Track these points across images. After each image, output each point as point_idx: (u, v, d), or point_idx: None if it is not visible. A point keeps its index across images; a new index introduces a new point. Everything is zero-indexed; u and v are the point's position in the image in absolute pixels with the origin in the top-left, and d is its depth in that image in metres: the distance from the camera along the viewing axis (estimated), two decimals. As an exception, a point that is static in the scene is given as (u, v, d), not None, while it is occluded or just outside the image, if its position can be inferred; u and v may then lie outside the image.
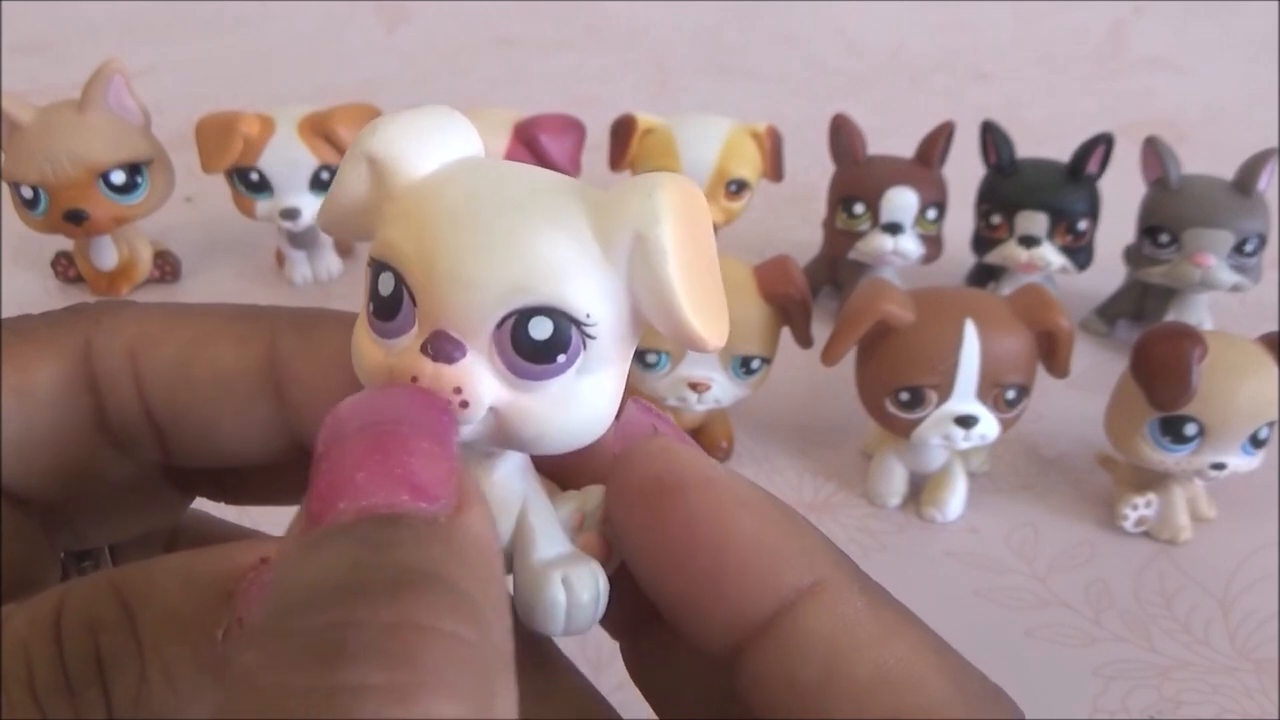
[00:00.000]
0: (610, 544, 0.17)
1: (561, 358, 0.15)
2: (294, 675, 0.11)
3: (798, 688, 0.15)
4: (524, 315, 0.15)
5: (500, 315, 0.15)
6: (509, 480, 0.17)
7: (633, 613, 0.18)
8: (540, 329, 0.15)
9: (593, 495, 0.17)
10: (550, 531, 0.16)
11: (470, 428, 0.15)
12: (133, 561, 0.22)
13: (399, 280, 0.15)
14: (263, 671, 0.11)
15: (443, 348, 0.15)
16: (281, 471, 0.20)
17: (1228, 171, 0.53)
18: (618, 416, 0.17)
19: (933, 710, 0.14)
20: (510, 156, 0.55)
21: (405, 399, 0.14)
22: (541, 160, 0.56)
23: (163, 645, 0.14)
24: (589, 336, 0.15)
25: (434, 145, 0.16)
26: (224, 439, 0.19)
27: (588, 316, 0.15)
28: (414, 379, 0.15)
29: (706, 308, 0.16)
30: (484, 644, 0.12)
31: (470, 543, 0.13)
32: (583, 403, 0.15)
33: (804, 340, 0.44)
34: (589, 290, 0.15)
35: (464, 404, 0.15)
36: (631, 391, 0.18)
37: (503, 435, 0.15)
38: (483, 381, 0.15)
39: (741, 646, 0.16)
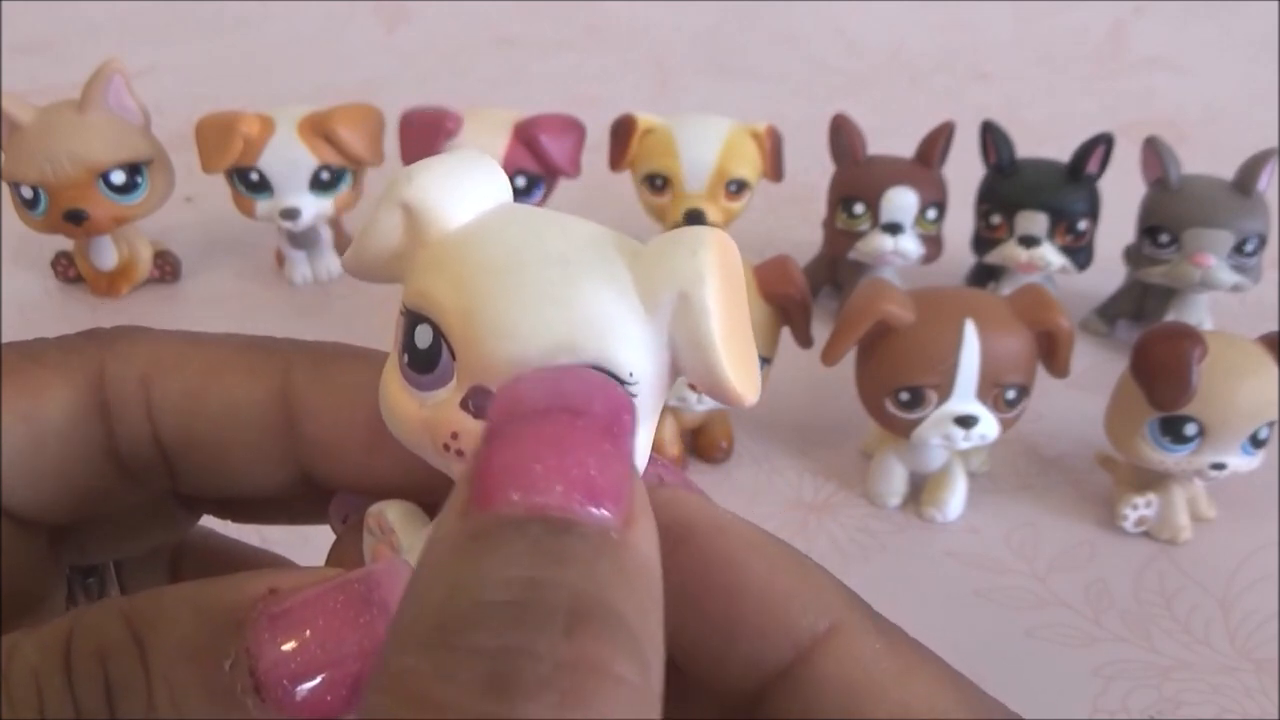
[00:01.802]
0: None
1: None
2: (467, 697, 0.11)
3: None
4: None
5: None
6: None
7: None
8: None
9: None
10: None
11: None
12: (137, 575, 0.23)
13: (437, 333, 0.15)
14: (434, 684, 0.11)
15: (485, 404, 0.15)
16: (290, 501, 0.20)
17: (1228, 171, 0.53)
18: None
19: None
20: (510, 156, 0.55)
21: (589, 387, 0.14)
22: (542, 160, 0.56)
23: (171, 673, 0.14)
24: (631, 395, 0.15)
25: (469, 193, 0.16)
26: (233, 470, 0.19)
27: (631, 375, 0.15)
28: (454, 435, 0.15)
29: (743, 365, 0.16)
30: (646, 689, 0.12)
31: (638, 566, 0.13)
32: None
33: (804, 340, 0.44)
34: (633, 348, 0.15)
35: None
36: None
37: None
38: None
39: (761, 694, 0.15)
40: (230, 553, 0.23)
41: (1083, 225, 0.54)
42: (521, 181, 0.56)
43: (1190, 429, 0.40)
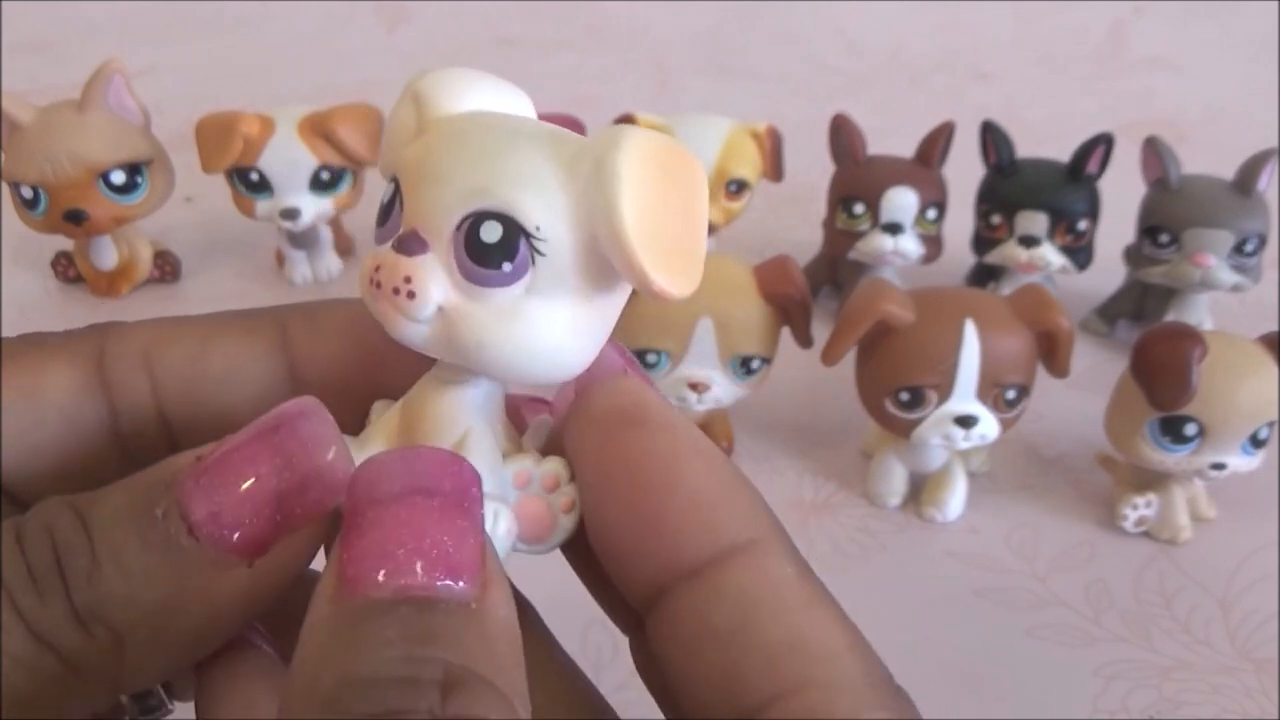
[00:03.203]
0: (553, 518, 0.17)
1: (508, 266, 0.15)
2: None
3: (712, 636, 0.15)
4: (479, 218, 0.15)
5: (459, 216, 0.15)
6: (458, 407, 0.17)
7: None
8: (490, 232, 0.15)
9: (547, 462, 0.17)
10: (483, 468, 0.16)
11: (417, 326, 0.16)
12: None
13: (396, 188, 0.16)
14: None
15: (408, 242, 0.16)
16: None
17: (1228, 171, 0.53)
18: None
19: (839, 687, 0.15)
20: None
21: (439, 466, 0.15)
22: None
23: (111, 532, 0.15)
24: (538, 252, 0.15)
25: (475, 91, 0.17)
26: None
27: (537, 229, 0.15)
28: (376, 267, 0.16)
29: (666, 252, 0.16)
30: None
31: (498, 630, 0.14)
32: (529, 323, 0.16)
33: (804, 340, 0.44)
34: (542, 204, 0.15)
35: (410, 294, 0.15)
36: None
37: (446, 340, 0.16)
38: (432, 276, 0.16)
39: (665, 590, 0.16)
40: None
41: (1083, 225, 0.54)
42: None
43: (1190, 429, 0.40)
